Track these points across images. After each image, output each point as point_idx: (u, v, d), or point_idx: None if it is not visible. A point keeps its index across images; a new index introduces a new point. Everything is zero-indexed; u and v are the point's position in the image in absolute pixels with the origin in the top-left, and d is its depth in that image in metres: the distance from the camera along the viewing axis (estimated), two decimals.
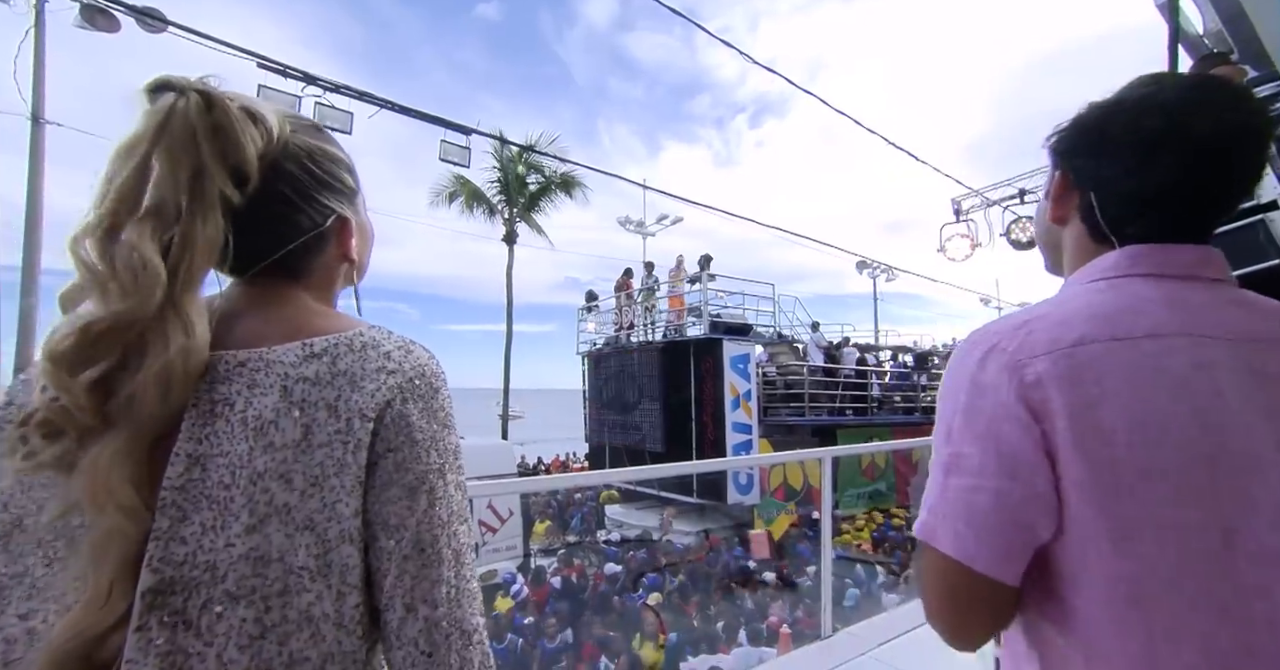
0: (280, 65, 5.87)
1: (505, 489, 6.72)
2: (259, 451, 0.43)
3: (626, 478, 9.83)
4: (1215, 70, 2.31)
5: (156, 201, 0.44)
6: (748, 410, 10.26)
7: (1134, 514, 0.47)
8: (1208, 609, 0.46)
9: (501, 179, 15.59)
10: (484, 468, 8.46)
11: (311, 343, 0.48)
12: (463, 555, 0.50)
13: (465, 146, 7.40)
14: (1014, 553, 0.52)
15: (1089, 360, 0.50)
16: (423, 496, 0.48)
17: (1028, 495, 0.50)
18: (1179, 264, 0.56)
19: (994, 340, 0.55)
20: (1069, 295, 0.58)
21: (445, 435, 0.51)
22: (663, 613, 6.10)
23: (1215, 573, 0.46)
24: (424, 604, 0.46)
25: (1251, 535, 0.46)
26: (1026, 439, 0.50)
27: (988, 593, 0.53)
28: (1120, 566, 0.48)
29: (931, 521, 0.55)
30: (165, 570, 0.41)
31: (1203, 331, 0.51)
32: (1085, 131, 0.61)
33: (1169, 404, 0.48)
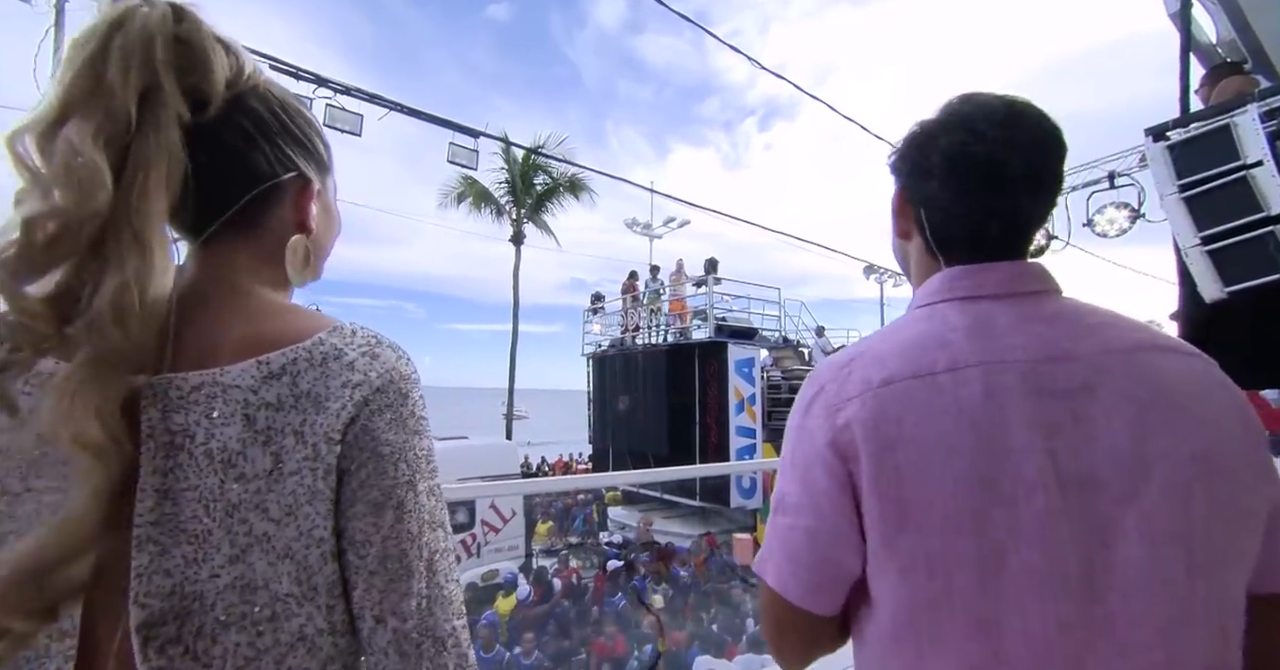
0: (292, 67, 5.93)
1: (508, 490, 6.75)
2: (231, 483, 0.42)
3: (629, 480, 9.82)
4: (1227, 81, 2.30)
5: (104, 102, 0.41)
6: (752, 414, 10.24)
7: (913, 547, 0.50)
8: (968, 625, 0.49)
9: (509, 180, 15.67)
10: (487, 468, 8.49)
11: (268, 360, 0.45)
12: (436, 563, 0.48)
13: (474, 149, 7.44)
14: (824, 586, 0.56)
15: (891, 400, 0.52)
16: (389, 512, 0.46)
17: (833, 533, 0.54)
18: (990, 283, 0.57)
19: (822, 382, 0.58)
20: (898, 324, 0.61)
21: (415, 443, 0.49)
22: (662, 615, 6.09)
23: (980, 593, 0.48)
24: (393, 616, 0.45)
25: (1015, 555, 0.48)
26: (831, 481, 0.53)
27: (803, 622, 0.58)
28: (901, 594, 0.51)
29: (764, 555, 0.60)
30: (153, 604, 0.40)
31: (999, 356, 0.52)
32: (911, 149, 0.63)
33: (956, 437, 0.50)
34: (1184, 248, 1.93)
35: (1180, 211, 1.93)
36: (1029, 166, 0.57)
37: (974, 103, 0.60)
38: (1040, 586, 0.47)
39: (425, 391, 0.53)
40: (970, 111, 0.59)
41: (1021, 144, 0.57)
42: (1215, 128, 1.86)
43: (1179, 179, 1.93)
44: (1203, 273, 1.87)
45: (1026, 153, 0.57)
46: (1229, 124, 1.83)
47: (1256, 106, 1.79)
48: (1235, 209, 1.79)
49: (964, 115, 0.59)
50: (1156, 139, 2.02)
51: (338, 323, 0.50)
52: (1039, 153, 0.57)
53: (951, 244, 0.61)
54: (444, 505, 0.52)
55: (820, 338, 12.33)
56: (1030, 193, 0.58)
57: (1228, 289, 1.82)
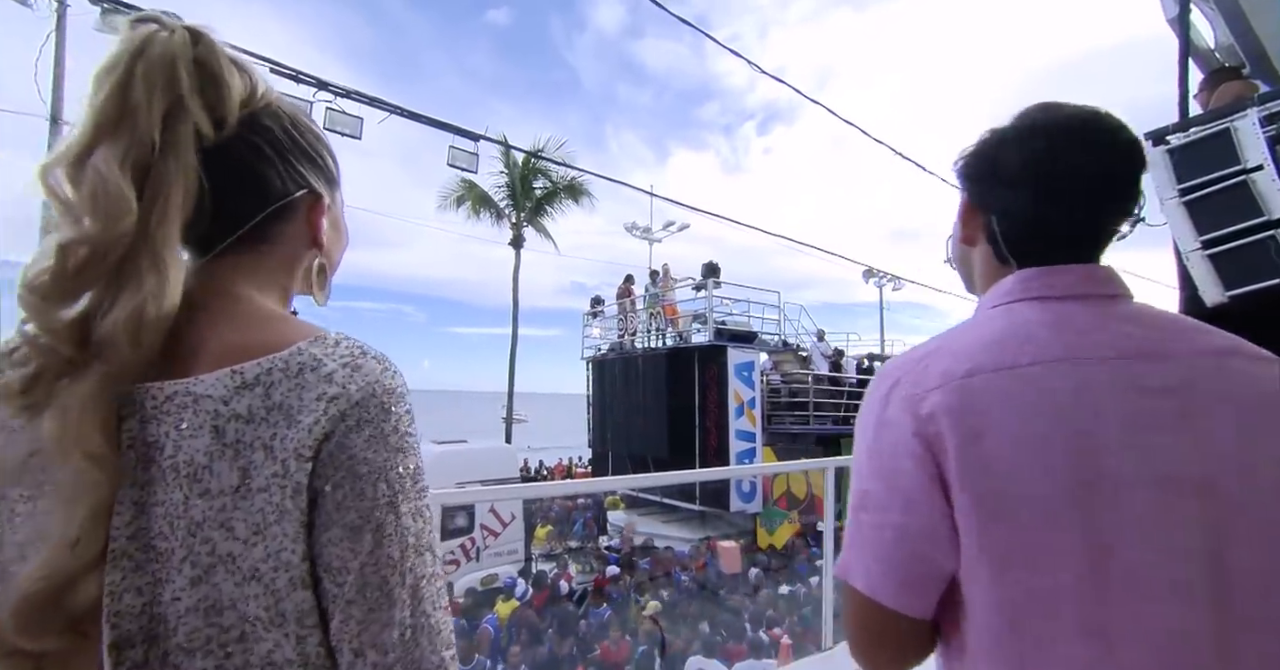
0: (292, 70, 5.95)
1: (508, 495, 6.72)
2: (195, 498, 0.40)
3: (628, 485, 9.81)
4: (1226, 85, 2.30)
5: (130, 129, 0.42)
6: (751, 418, 10.22)
7: (1010, 541, 0.48)
8: (1075, 630, 0.46)
9: (509, 184, 15.70)
10: (486, 472, 8.47)
11: (242, 370, 0.43)
12: (421, 590, 0.46)
13: (473, 152, 7.46)
14: (918, 586, 0.53)
15: (977, 392, 0.51)
16: (367, 536, 0.43)
17: (925, 529, 0.51)
18: (1064, 285, 0.57)
19: (897, 375, 0.56)
20: (971, 323, 0.60)
21: (398, 461, 0.46)
22: (662, 620, 6.05)
23: (1083, 595, 0.46)
24: (372, 649, 0.43)
25: (1123, 555, 0.46)
26: (921, 474, 0.51)
27: (897, 626, 0.54)
28: (998, 593, 0.49)
29: (848, 558, 0.57)
30: (123, 624, 0.39)
31: (1086, 353, 0.51)
32: (983, 156, 0.63)
33: (1049, 430, 0.48)
34: (1185, 252, 1.93)
35: (1180, 216, 1.93)
36: (1107, 176, 0.57)
37: (1053, 112, 0.59)
38: (1157, 590, 0.46)
39: (424, 395, 0.52)
40: (1049, 120, 0.59)
41: (1100, 153, 0.57)
42: (1215, 132, 1.87)
43: (1179, 183, 1.93)
44: (1204, 277, 1.87)
45: (1104, 162, 0.57)
46: (1229, 128, 1.83)
47: (1256, 111, 1.79)
48: (1236, 213, 1.79)
49: (1042, 123, 0.59)
50: (1156, 143, 2.02)
51: (322, 332, 0.48)
52: (1117, 162, 0.57)
53: (1025, 249, 0.61)
54: (431, 528, 0.49)
55: (820, 341, 12.32)
56: (1107, 201, 0.58)
57: (1229, 293, 1.82)
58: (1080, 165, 0.57)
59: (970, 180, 0.65)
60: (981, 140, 0.64)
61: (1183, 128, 2.00)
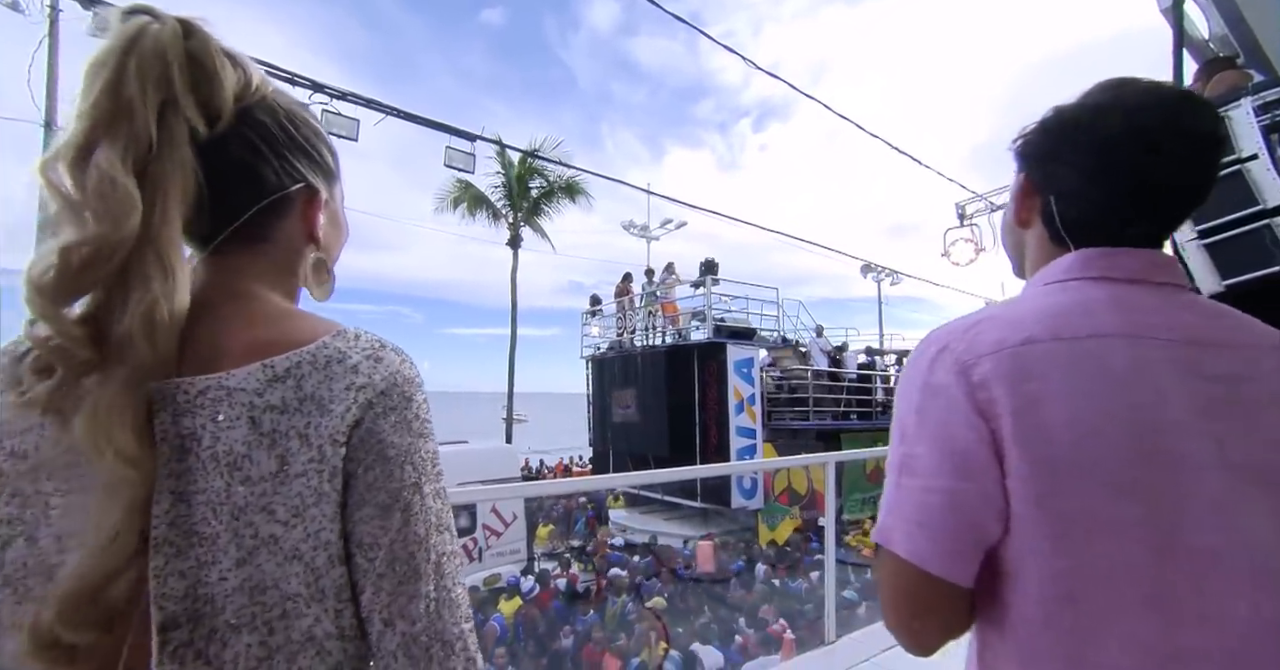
0: (288, 73, 5.94)
1: (509, 494, 6.73)
2: (237, 485, 0.42)
3: (629, 483, 9.78)
4: (1220, 75, 2.30)
5: (127, 124, 0.42)
6: (751, 414, 10.23)
7: (1071, 511, 0.47)
8: (1138, 606, 0.46)
9: (505, 184, 15.68)
10: (487, 472, 8.47)
11: (273, 363, 0.45)
12: (444, 565, 0.49)
13: (470, 153, 7.44)
14: (966, 553, 0.51)
15: (1034, 359, 0.50)
16: (396, 514, 0.46)
17: (978, 495, 0.50)
18: (1128, 268, 0.56)
19: (945, 341, 0.55)
20: (1023, 297, 0.59)
21: (421, 445, 0.49)
22: (664, 616, 6.05)
23: (1148, 569, 0.46)
24: (401, 619, 0.46)
25: (1186, 533, 0.45)
26: (975, 439, 0.50)
27: (942, 595, 0.52)
28: (1056, 564, 0.48)
29: (888, 523, 0.55)
30: (169, 606, 0.41)
31: (1146, 333, 0.51)
32: (1047, 135, 0.62)
33: (1109, 403, 0.48)
34: (1181, 242, 1.93)
35: None
36: (1181, 158, 0.54)
37: (1126, 90, 0.56)
38: (1222, 575, 0.45)
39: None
40: (1114, 98, 0.56)
41: (1175, 133, 0.54)
42: None
43: None
44: (1200, 267, 1.87)
45: (1179, 143, 0.54)
46: (1223, 118, 1.83)
47: (1250, 100, 1.80)
48: (1231, 202, 1.79)
49: (1107, 101, 0.57)
50: None
51: (341, 327, 0.51)
52: (1192, 143, 0.54)
53: (1087, 231, 0.59)
54: (449, 508, 0.52)
55: (819, 337, 12.32)
56: (1179, 188, 0.56)
57: (1226, 282, 1.82)
58: (1155, 145, 0.54)
59: (1030, 160, 0.63)
60: (1045, 119, 0.61)
61: None
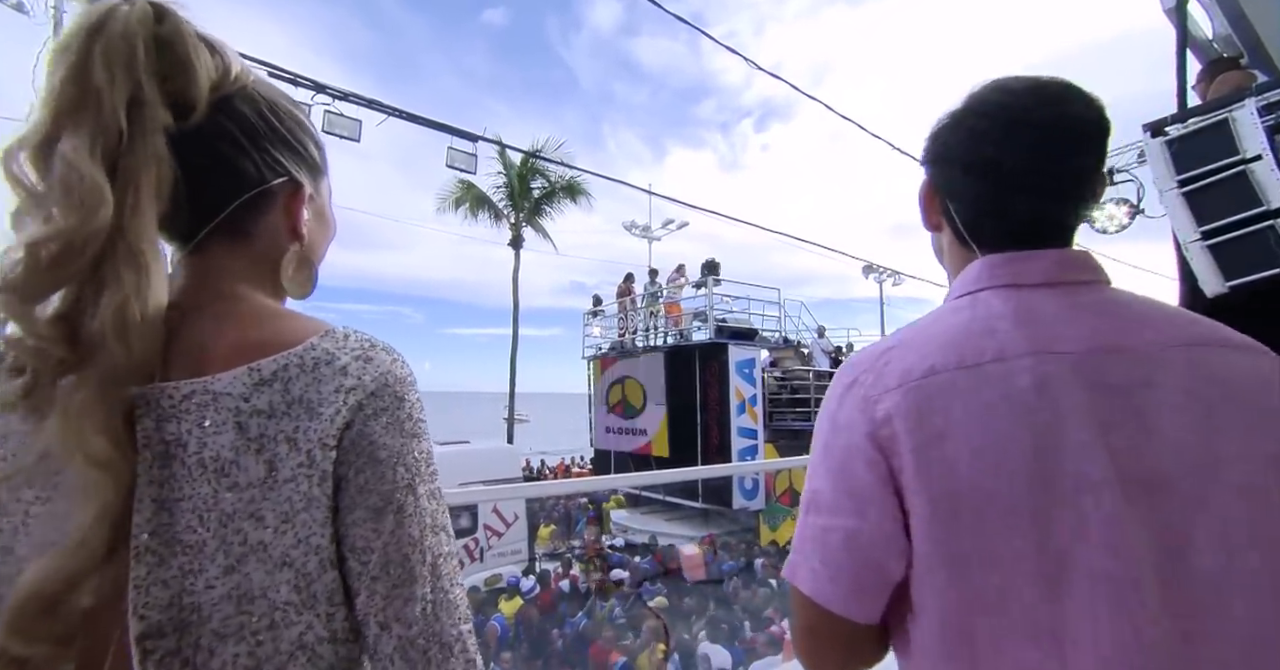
0: (290, 74, 5.95)
1: (510, 494, 6.74)
2: (224, 492, 0.41)
3: (631, 483, 9.76)
4: (1224, 75, 2.30)
5: (94, 113, 0.40)
6: (753, 415, 10.23)
7: (967, 546, 0.47)
8: (1032, 634, 0.45)
9: (507, 184, 15.69)
10: (488, 472, 8.48)
11: (259, 367, 0.44)
12: (440, 567, 0.48)
13: (472, 153, 7.45)
14: (866, 591, 0.51)
15: (937, 391, 0.49)
16: (389, 517, 0.45)
17: (875, 533, 0.50)
18: (1033, 272, 0.54)
19: (855, 374, 0.55)
20: (936, 315, 0.58)
21: (414, 446, 0.48)
22: (664, 616, 6.03)
23: (1042, 599, 0.45)
24: (397, 623, 0.45)
25: (1078, 559, 0.44)
26: (873, 477, 0.50)
27: (844, 631, 0.53)
28: (950, 597, 0.48)
29: (795, 560, 0.55)
30: (152, 615, 0.39)
31: (1049, 348, 0.49)
32: (935, 137, 0.61)
33: (1009, 430, 0.47)
34: (1184, 243, 1.93)
35: (1180, 206, 1.93)
36: (1055, 147, 0.54)
37: (997, 86, 0.57)
38: (1114, 596, 0.44)
39: (425, 397, 0.52)
40: (991, 95, 0.57)
41: (1045, 120, 0.53)
42: (1213, 122, 1.86)
43: (1178, 174, 1.93)
44: (1204, 267, 1.87)
45: (1051, 129, 0.53)
46: (1227, 118, 1.83)
47: (1254, 101, 1.79)
48: (1235, 203, 1.79)
49: (984, 98, 0.57)
50: (1155, 134, 2.02)
51: (330, 327, 0.49)
52: (1066, 128, 0.54)
53: (984, 233, 0.58)
54: (445, 509, 0.51)
55: (821, 338, 12.31)
56: (1060, 172, 0.55)
57: (1229, 283, 1.82)
58: (1023, 139, 0.54)
59: (928, 164, 0.64)
60: (936, 122, 0.62)
61: (1181, 119, 2.00)
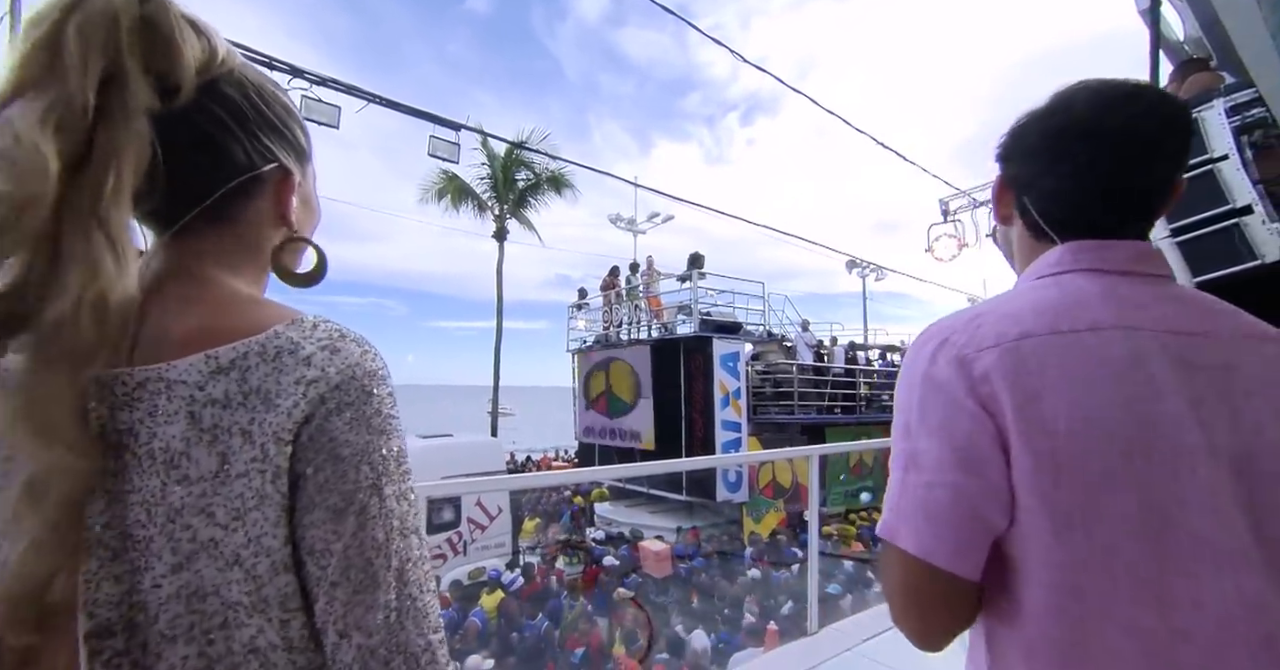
0: (266, 57, 5.79)
1: (493, 486, 6.71)
2: (173, 485, 0.39)
3: (615, 475, 9.78)
4: (1195, 76, 2.35)
5: (57, 86, 0.38)
6: (737, 408, 10.29)
7: (1071, 503, 0.48)
8: (1137, 594, 0.47)
9: (491, 175, 15.51)
10: (472, 465, 8.43)
11: (216, 354, 0.42)
12: (407, 572, 0.45)
13: (455, 142, 7.35)
14: (973, 547, 0.52)
15: (1032, 353, 0.51)
16: (350, 518, 0.43)
17: (983, 489, 0.51)
18: (1117, 259, 0.58)
19: (946, 334, 0.56)
20: (1018, 292, 0.60)
21: (381, 443, 0.46)
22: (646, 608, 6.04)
23: (1146, 559, 0.47)
24: (357, 631, 0.42)
25: (1182, 521, 0.47)
26: (980, 432, 0.51)
27: (949, 589, 0.53)
28: (1058, 555, 0.49)
29: (893, 520, 0.56)
30: (101, 613, 0.38)
31: (1138, 324, 0.52)
32: (1015, 135, 0.65)
33: (1106, 395, 0.49)
34: (1155, 240, 1.98)
35: None
36: (1139, 145, 0.57)
37: (1083, 86, 0.59)
38: (1218, 559, 0.46)
39: (409, 391, 0.51)
40: (1077, 94, 0.59)
41: (1141, 125, 0.56)
42: None
43: None
44: (1172, 264, 1.92)
45: (1135, 132, 0.56)
46: (1196, 118, 1.87)
47: (1222, 102, 1.84)
48: (1203, 201, 1.84)
49: (1069, 98, 0.59)
50: None
51: (299, 315, 0.47)
52: (1150, 131, 0.57)
53: (1067, 224, 0.61)
54: (417, 511, 0.48)
55: (805, 331, 12.41)
56: (1148, 174, 0.58)
57: (1196, 280, 1.87)
58: (1109, 138, 0.57)
59: (1003, 160, 0.67)
60: (1016, 120, 0.65)
61: None
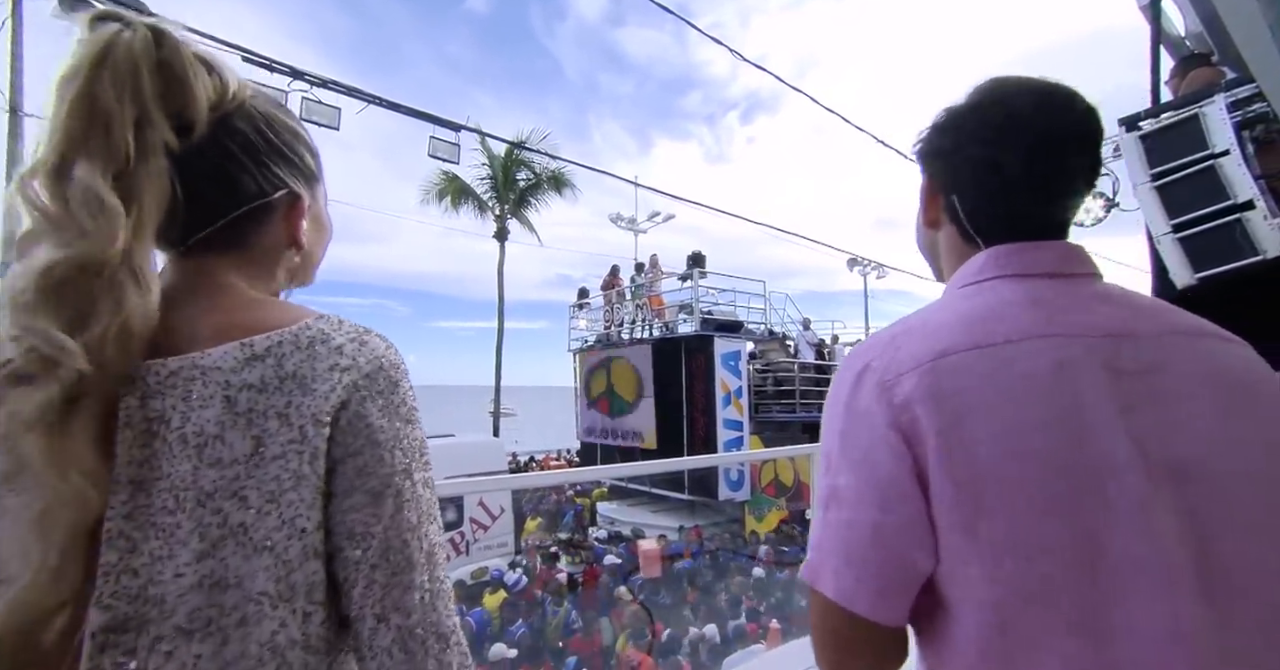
0: (266, 59, 5.80)
1: (495, 485, 6.72)
2: (205, 469, 0.40)
3: (617, 474, 9.78)
4: (1196, 72, 2.34)
5: (104, 139, 0.41)
6: (739, 407, 10.30)
7: (995, 535, 0.45)
8: (1069, 626, 0.43)
9: (491, 176, 15.51)
10: (474, 465, 8.44)
11: (251, 342, 0.43)
12: (435, 556, 0.47)
13: (455, 143, 7.35)
14: (894, 591, 0.48)
15: (952, 373, 0.48)
16: (389, 501, 0.45)
17: (903, 526, 0.47)
18: (1041, 262, 0.55)
19: (867, 358, 0.53)
20: (942, 303, 0.58)
21: (409, 432, 0.48)
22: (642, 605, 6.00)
23: (1078, 587, 0.43)
24: (396, 613, 0.44)
25: (1108, 545, 0.43)
26: (898, 466, 0.48)
27: (870, 635, 0.50)
28: (983, 592, 0.45)
29: (815, 560, 0.52)
30: (118, 606, 0.38)
31: (1064, 331, 0.49)
32: (939, 133, 0.62)
33: (1029, 412, 0.46)
34: (1156, 236, 1.97)
35: (1153, 200, 1.97)
36: (1062, 146, 0.56)
37: (1003, 85, 0.59)
38: (1147, 583, 0.42)
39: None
40: (999, 93, 0.58)
41: (1056, 124, 0.56)
42: (1184, 118, 1.90)
43: (1151, 168, 1.97)
44: (1174, 260, 1.91)
45: (1061, 132, 0.56)
46: (1198, 114, 1.87)
47: (1223, 97, 1.83)
48: (1204, 197, 1.83)
49: (993, 97, 0.58)
50: (1129, 129, 2.06)
51: (324, 313, 0.49)
52: (1074, 132, 0.56)
53: (991, 227, 0.59)
54: (437, 498, 0.51)
55: (806, 330, 12.41)
56: (1066, 173, 0.57)
57: (1198, 275, 1.87)
58: (1037, 133, 0.56)
59: (928, 159, 0.64)
60: (937, 118, 0.62)
61: (1154, 114, 2.04)
